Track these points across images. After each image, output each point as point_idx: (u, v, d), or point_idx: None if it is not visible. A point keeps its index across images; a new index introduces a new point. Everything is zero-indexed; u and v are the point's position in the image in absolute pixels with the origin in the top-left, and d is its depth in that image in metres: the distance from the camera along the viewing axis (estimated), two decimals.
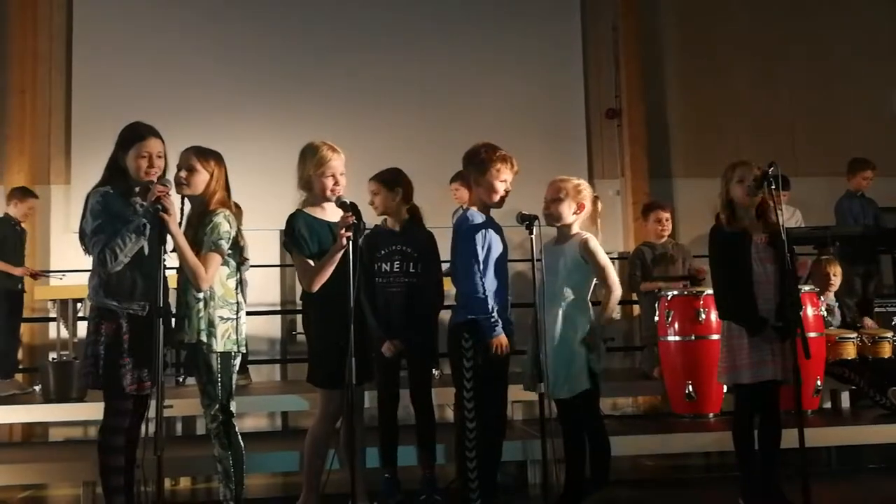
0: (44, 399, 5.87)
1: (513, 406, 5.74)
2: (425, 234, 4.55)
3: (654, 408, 7.17)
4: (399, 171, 4.56)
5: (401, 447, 4.49)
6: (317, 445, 3.99)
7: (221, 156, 3.93)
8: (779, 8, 9.00)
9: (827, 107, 8.82)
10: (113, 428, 3.69)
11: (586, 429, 4.04)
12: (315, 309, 3.96)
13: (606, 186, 8.46)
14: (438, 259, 4.56)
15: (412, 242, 4.47)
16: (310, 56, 8.36)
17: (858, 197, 7.37)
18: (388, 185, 4.48)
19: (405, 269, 4.43)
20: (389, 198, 4.48)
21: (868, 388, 5.68)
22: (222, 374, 3.77)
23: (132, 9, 8.24)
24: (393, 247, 4.45)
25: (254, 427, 6.77)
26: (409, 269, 4.43)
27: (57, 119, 8.12)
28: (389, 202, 4.48)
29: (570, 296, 4.03)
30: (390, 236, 4.49)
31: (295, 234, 3.90)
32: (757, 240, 4.01)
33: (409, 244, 4.46)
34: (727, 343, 4.04)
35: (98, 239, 3.62)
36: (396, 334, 4.32)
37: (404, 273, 4.43)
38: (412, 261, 4.44)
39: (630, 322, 8.24)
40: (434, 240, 4.55)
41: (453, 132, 7.26)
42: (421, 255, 4.46)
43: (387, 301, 4.36)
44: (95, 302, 3.70)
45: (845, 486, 5.01)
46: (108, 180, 3.75)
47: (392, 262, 4.43)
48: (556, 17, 8.76)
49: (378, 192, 4.49)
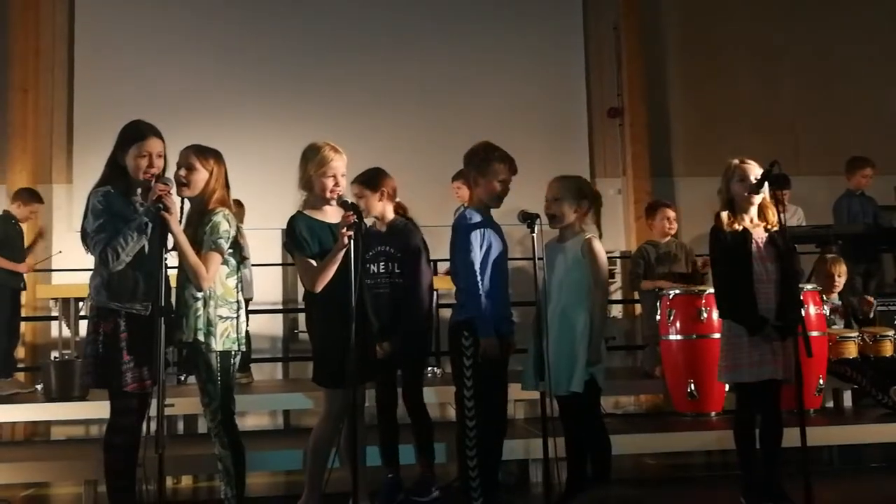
0: (46, 398, 5.88)
1: (514, 404, 5.74)
2: (410, 234, 4.49)
3: (656, 406, 7.18)
4: (379, 170, 4.55)
5: (402, 446, 4.49)
6: (320, 445, 3.99)
7: (221, 154, 3.93)
8: (780, 8, 9.00)
9: (828, 106, 8.81)
10: (120, 427, 3.69)
11: (587, 427, 4.04)
12: (318, 308, 3.95)
13: (608, 185, 8.46)
14: (423, 259, 4.51)
15: (396, 243, 4.44)
16: (311, 56, 8.36)
17: (858, 195, 7.35)
18: (369, 186, 4.47)
19: (390, 271, 4.42)
20: (374, 199, 4.46)
21: (870, 387, 5.68)
22: (222, 373, 3.76)
23: (134, 8, 8.26)
24: (378, 248, 4.44)
25: (255, 425, 6.77)
26: (394, 269, 4.42)
27: (59, 118, 8.14)
28: (374, 203, 4.46)
29: (572, 294, 4.02)
30: (377, 237, 4.46)
31: (296, 236, 3.89)
32: (757, 238, 4.00)
33: (393, 245, 4.44)
34: (727, 342, 4.03)
35: (100, 238, 3.62)
36: (386, 336, 4.29)
37: (389, 274, 4.42)
38: (396, 262, 4.42)
39: (632, 321, 8.25)
40: (420, 239, 4.50)
41: (454, 132, 7.27)
42: (404, 255, 4.42)
43: (375, 302, 4.28)
44: (96, 302, 3.70)
45: (847, 486, 5.01)
46: (108, 179, 3.75)
47: (378, 263, 4.43)
48: (558, 17, 8.76)
49: (361, 195, 4.46)
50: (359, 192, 4.47)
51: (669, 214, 6.41)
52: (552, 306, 4.01)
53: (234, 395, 3.87)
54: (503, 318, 4.02)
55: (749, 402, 4.02)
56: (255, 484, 5.07)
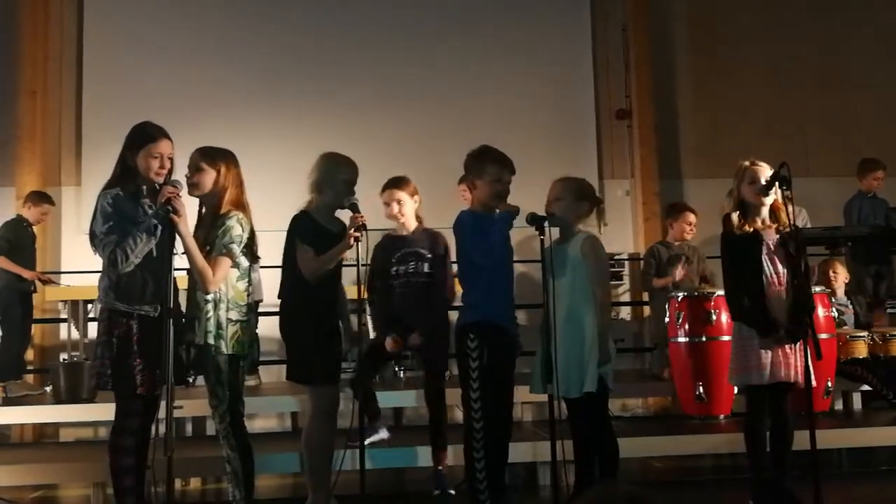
0: (54, 400, 5.90)
1: (522, 407, 5.73)
2: (439, 236, 4.71)
3: (665, 409, 7.15)
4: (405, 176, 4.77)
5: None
6: (315, 445, 3.98)
7: (232, 155, 3.93)
8: (789, 8, 8.97)
9: (838, 107, 8.78)
10: (124, 429, 3.69)
11: (594, 429, 4.03)
12: (296, 307, 3.98)
13: (616, 187, 8.45)
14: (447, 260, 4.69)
15: (427, 245, 4.65)
16: (320, 55, 8.37)
17: (870, 197, 7.32)
18: (412, 193, 4.70)
19: (420, 270, 4.61)
20: (413, 205, 4.69)
21: (881, 387, 5.67)
22: (231, 376, 3.78)
23: (141, 11, 8.28)
24: (406, 249, 4.64)
25: (263, 428, 6.78)
26: (424, 269, 4.61)
27: (67, 120, 8.17)
28: (412, 209, 4.69)
29: (577, 295, 4.01)
30: (407, 240, 4.67)
31: (304, 228, 3.96)
32: (769, 241, 3.99)
33: (423, 246, 4.64)
34: (738, 344, 4.01)
35: (109, 240, 3.62)
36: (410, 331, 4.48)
37: (417, 273, 4.61)
38: (426, 262, 4.61)
39: (640, 323, 8.22)
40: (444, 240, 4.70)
41: (462, 134, 7.22)
42: (434, 256, 4.63)
43: (402, 301, 4.56)
44: (105, 304, 3.71)
45: (857, 488, 4.98)
46: (117, 181, 3.75)
47: (408, 263, 4.61)
48: (566, 18, 8.75)
49: (404, 202, 4.66)
50: (398, 196, 4.65)
51: (691, 219, 6.41)
52: (559, 308, 4.00)
53: (243, 397, 3.87)
54: (508, 319, 4.02)
55: (759, 405, 4.00)
56: (264, 486, 5.07)
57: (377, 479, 4.28)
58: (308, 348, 3.96)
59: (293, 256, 3.96)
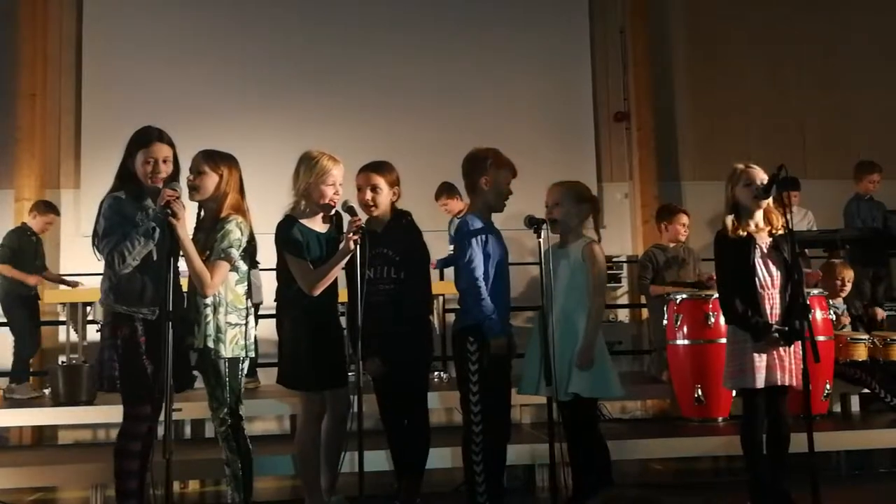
0: (53, 402, 5.89)
1: (520, 409, 5.73)
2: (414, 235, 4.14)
3: (663, 411, 7.15)
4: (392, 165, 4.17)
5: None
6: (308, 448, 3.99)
7: (234, 158, 3.93)
8: (787, 10, 8.99)
9: (836, 109, 8.81)
10: (132, 433, 3.69)
11: (583, 431, 4.05)
12: (292, 312, 3.96)
13: (615, 190, 8.47)
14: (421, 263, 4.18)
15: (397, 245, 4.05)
16: (319, 57, 8.40)
17: (867, 200, 7.33)
18: (392, 183, 4.10)
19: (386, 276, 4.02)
20: (389, 196, 4.09)
21: (879, 390, 5.67)
22: (230, 379, 3.78)
23: (141, 14, 8.30)
24: (376, 249, 3.96)
25: (263, 430, 6.78)
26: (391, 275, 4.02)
27: (67, 123, 8.19)
28: (387, 201, 4.09)
29: (574, 298, 4.02)
30: (376, 238, 3.98)
31: (293, 239, 3.89)
32: (762, 244, 3.99)
33: (391, 247, 4.03)
34: (732, 348, 4.02)
35: (108, 241, 3.63)
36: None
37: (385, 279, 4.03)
38: (394, 265, 4.02)
39: (639, 325, 8.23)
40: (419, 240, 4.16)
41: (460, 136, 7.23)
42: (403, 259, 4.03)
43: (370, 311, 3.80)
44: (106, 306, 3.72)
45: (855, 491, 4.98)
46: (120, 185, 3.76)
47: (375, 267, 3.99)
48: (565, 21, 8.78)
49: (380, 190, 4.05)
50: (376, 182, 4.03)
51: (684, 220, 6.39)
52: (555, 311, 4.00)
53: (242, 400, 3.88)
54: (505, 322, 4.02)
55: (756, 408, 4.00)
56: (263, 489, 5.08)
57: (377, 479, 4.27)
58: (297, 354, 3.93)
59: (283, 261, 3.94)
